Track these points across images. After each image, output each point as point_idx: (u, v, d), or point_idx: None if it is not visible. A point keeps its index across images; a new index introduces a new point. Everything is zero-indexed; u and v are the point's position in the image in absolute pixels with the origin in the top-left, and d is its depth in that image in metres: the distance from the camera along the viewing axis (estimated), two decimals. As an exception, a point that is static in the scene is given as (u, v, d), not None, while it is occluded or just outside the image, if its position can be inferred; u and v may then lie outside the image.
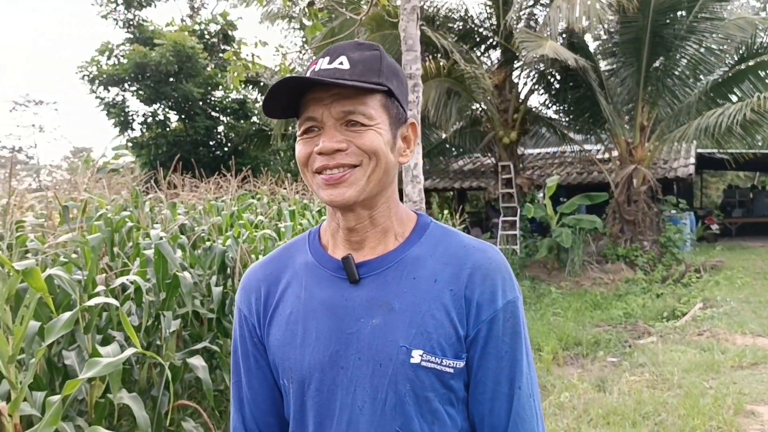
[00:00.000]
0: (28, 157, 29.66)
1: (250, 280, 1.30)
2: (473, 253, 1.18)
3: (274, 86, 1.12)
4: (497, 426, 1.16)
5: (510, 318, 1.16)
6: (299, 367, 1.18)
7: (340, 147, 1.11)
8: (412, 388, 1.12)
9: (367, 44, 1.19)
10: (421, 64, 4.09)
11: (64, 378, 3.39)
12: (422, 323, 1.13)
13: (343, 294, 1.17)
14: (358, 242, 1.19)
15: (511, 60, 14.79)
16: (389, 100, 1.17)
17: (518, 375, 1.16)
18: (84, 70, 17.54)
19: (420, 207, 4.02)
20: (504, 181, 15.07)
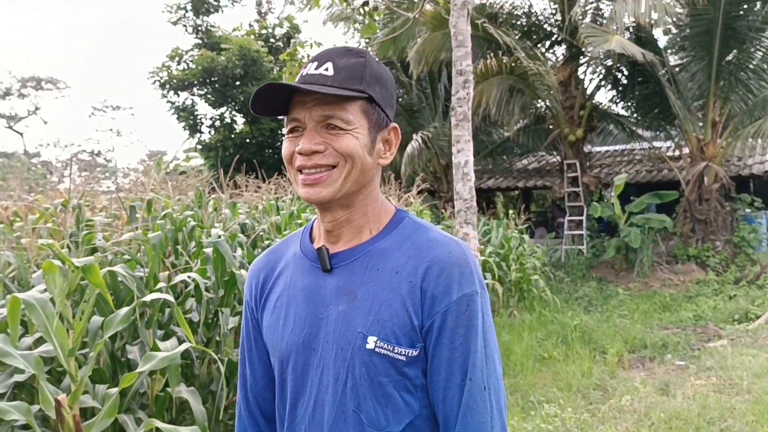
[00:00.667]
0: (106, 161, 30.90)
1: (254, 269, 1.43)
2: (435, 247, 1.23)
3: (259, 90, 1.21)
4: (449, 415, 1.20)
5: (465, 311, 1.19)
6: (280, 347, 1.30)
7: (317, 149, 1.20)
8: (367, 372, 1.20)
9: (355, 51, 1.26)
10: (477, 57, 4.04)
11: (127, 371, 3.51)
12: (379, 312, 1.20)
13: (318, 282, 1.27)
14: (336, 236, 1.29)
15: (576, 56, 14.49)
16: (370, 106, 1.24)
17: (471, 367, 1.19)
18: (155, 75, 18.17)
19: (470, 205, 3.98)
20: (570, 179, 14.77)
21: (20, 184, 6.61)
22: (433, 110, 15.45)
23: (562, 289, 11.45)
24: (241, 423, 1.43)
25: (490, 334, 1.23)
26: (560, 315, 9.05)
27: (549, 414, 4.93)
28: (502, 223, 10.58)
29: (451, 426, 1.19)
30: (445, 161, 14.70)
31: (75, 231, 4.27)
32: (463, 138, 3.87)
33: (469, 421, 1.18)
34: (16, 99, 33.30)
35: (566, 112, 14.55)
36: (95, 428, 2.59)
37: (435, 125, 14.04)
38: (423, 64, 12.52)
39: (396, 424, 1.20)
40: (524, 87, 13.15)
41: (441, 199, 14.94)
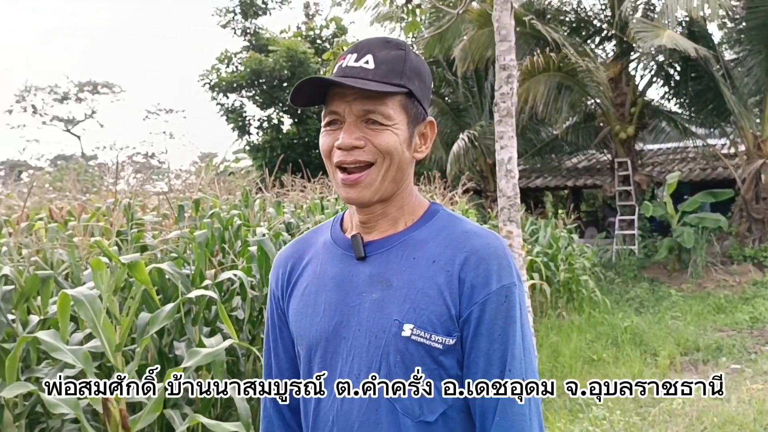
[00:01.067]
0: (160, 162, 31.68)
1: (280, 258, 1.42)
2: (473, 239, 1.23)
3: (301, 83, 1.19)
4: (487, 406, 1.19)
5: (504, 302, 1.19)
6: (308, 336, 1.29)
7: (357, 144, 1.19)
8: (402, 360, 1.19)
9: (394, 42, 1.25)
10: (522, 54, 3.98)
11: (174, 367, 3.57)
12: (415, 300, 1.20)
13: (350, 270, 1.27)
14: (370, 227, 1.28)
15: (627, 52, 14.17)
16: (409, 101, 1.23)
17: (510, 358, 1.19)
18: (205, 78, 18.51)
19: (514, 202, 3.92)
20: (621, 178, 14.47)
21: (74, 185, 6.82)
22: (480, 109, 15.31)
23: (612, 290, 11.22)
24: (267, 414, 1.42)
25: (526, 327, 1.23)
26: (610, 316, 8.86)
27: (597, 417, 4.83)
28: (551, 222, 10.42)
29: (489, 417, 1.18)
30: (491, 160, 14.54)
31: (126, 229, 4.38)
32: (506, 134, 3.82)
33: (508, 413, 1.18)
34: (74, 103, 34.30)
35: (617, 110, 14.25)
36: (141, 422, 2.64)
37: (481, 123, 13.92)
38: (468, 61, 12.43)
39: (430, 414, 1.19)
40: (573, 84, 12.93)
41: (487, 198, 14.80)
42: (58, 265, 3.96)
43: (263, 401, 1.43)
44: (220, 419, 3.70)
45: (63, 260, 3.98)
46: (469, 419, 1.22)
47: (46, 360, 3.27)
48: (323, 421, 1.26)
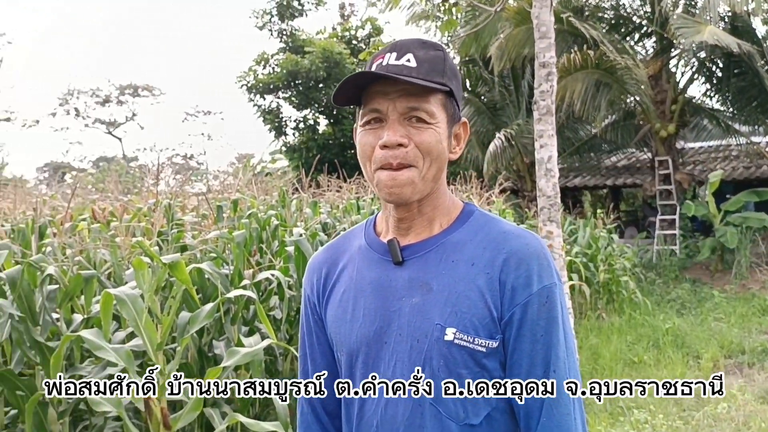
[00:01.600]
0: (198, 164, 32.14)
1: (314, 263, 1.42)
2: (511, 239, 1.22)
3: (351, 78, 1.18)
4: (532, 407, 1.18)
5: (546, 303, 1.18)
6: (348, 341, 1.28)
7: (402, 142, 1.18)
8: (446, 364, 1.18)
9: (431, 43, 1.25)
10: (561, 51, 3.92)
11: (214, 366, 3.61)
12: (457, 303, 1.19)
13: (389, 274, 1.26)
14: (405, 229, 1.27)
15: (667, 48, 13.91)
16: (449, 100, 1.24)
17: (554, 359, 1.18)
18: (243, 79, 18.72)
19: (554, 202, 3.86)
20: (661, 177, 14.21)
21: (116, 186, 6.95)
22: (517, 107, 15.18)
23: (653, 291, 11.01)
24: (304, 419, 1.42)
25: (568, 327, 1.23)
26: (651, 318, 8.70)
27: (639, 420, 4.73)
28: (590, 222, 10.27)
29: (534, 418, 1.18)
30: (528, 159, 14.42)
31: (166, 230, 4.44)
32: (546, 133, 3.76)
33: (554, 413, 1.17)
34: (115, 106, 35.03)
35: (657, 107, 13.99)
36: (182, 421, 2.67)
37: (518, 122, 13.79)
38: (505, 60, 12.33)
39: (474, 417, 1.19)
40: (611, 81, 12.72)
41: (524, 198, 14.67)
42: (100, 264, 4.03)
43: (300, 405, 1.42)
44: (258, 418, 3.73)
45: (105, 260, 4.06)
46: (513, 421, 1.22)
47: (89, 358, 3.34)
48: (367, 425, 1.25)
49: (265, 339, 3.16)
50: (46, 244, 3.98)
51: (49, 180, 27.43)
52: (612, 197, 18.73)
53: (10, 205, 5.31)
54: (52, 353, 2.88)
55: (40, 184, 24.42)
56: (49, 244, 3.97)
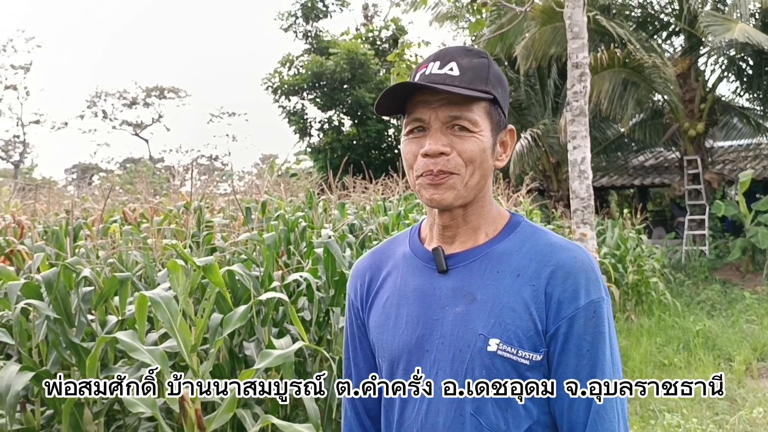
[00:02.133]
0: (223, 165, 32.40)
1: (358, 269, 1.43)
2: (558, 252, 1.21)
3: (391, 89, 1.19)
4: (576, 423, 1.17)
5: (593, 317, 1.17)
6: (390, 348, 1.28)
7: (444, 150, 1.18)
8: (488, 375, 1.17)
9: (475, 51, 1.25)
10: (588, 52, 3.88)
11: (245, 368, 3.63)
12: (501, 314, 1.18)
13: (432, 283, 1.26)
14: (450, 237, 1.27)
15: (696, 46, 13.71)
16: (493, 108, 1.23)
17: (599, 374, 1.17)
18: (268, 81, 18.84)
19: (588, 204, 3.82)
20: (690, 176, 14.02)
21: (146, 187, 7.02)
22: (542, 107, 15.07)
23: (682, 293, 10.86)
24: (347, 423, 1.43)
25: (614, 341, 1.21)
26: (681, 319, 8.58)
27: (671, 424, 4.67)
28: (618, 223, 10.15)
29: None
30: (555, 159, 14.31)
31: (196, 232, 4.48)
32: (579, 134, 3.72)
33: (599, 429, 1.16)
34: (142, 108, 35.45)
35: (686, 106, 13.80)
36: (216, 422, 2.68)
37: (544, 122, 13.70)
38: (531, 59, 12.25)
39: (515, 429, 1.18)
40: (639, 80, 12.58)
41: (551, 198, 14.56)
42: (132, 266, 4.08)
43: (343, 409, 1.43)
44: (288, 420, 3.74)
45: (137, 261, 4.10)
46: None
47: (122, 359, 3.38)
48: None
49: (295, 341, 3.17)
50: (80, 246, 4.03)
51: (78, 181, 27.86)
52: (639, 197, 18.52)
53: (43, 207, 5.39)
54: (87, 354, 2.91)
55: (69, 185, 24.82)
56: (83, 246, 4.02)
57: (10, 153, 33.58)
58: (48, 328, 3.04)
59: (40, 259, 3.35)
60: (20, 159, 33.45)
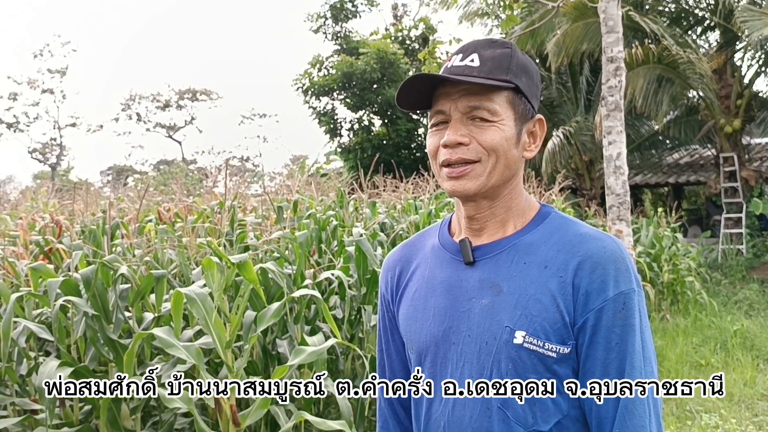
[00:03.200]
0: (254, 166, 32.66)
1: (388, 262, 1.43)
2: (587, 242, 1.18)
3: (406, 83, 1.20)
4: (604, 417, 1.15)
5: (622, 309, 1.14)
6: (418, 340, 1.28)
7: (462, 141, 1.18)
8: (514, 368, 1.16)
9: (500, 42, 1.24)
10: (623, 47, 3.82)
11: (277, 365, 3.66)
12: (527, 306, 1.16)
13: (459, 275, 1.25)
14: (478, 229, 1.26)
15: (732, 41, 13.45)
16: (516, 97, 1.21)
17: (628, 368, 1.14)
18: (298, 82, 18.95)
19: (624, 200, 3.77)
20: (726, 174, 13.75)
21: (180, 188, 7.12)
22: (575, 104, 14.91)
23: (719, 292, 10.65)
24: (382, 414, 1.43)
25: (647, 335, 1.17)
26: (718, 319, 8.42)
27: (709, 424, 4.59)
28: (652, 221, 10.00)
29: (606, 428, 1.14)
30: (587, 157, 14.15)
31: (229, 230, 4.52)
32: (615, 129, 3.68)
33: (627, 425, 1.13)
34: (175, 110, 35.92)
35: (722, 102, 13.54)
36: (250, 418, 2.71)
37: (577, 119, 13.55)
38: (563, 56, 12.13)
39: (544, 423, 1.16)
40: (674, 76, 12.38)
41: (584, 196, 14.40)
42: (167, 264, 4.13)
43: (378, 401, 1.44)
44: (321, 416, 3.76)
45: (172, 260, 4.16)
46: (584, 429, 1.19)
47: (159, 355, 3.42)
48: (435, 425, 1.25)
49: (328, 338, 3.19)
50: (117, 245, 4.10)
51: (113, 183, 28.34)
52: (674, 195, 18.22)
53: (80, 207, 5.49)
54: (124, 350, 2.96)
55: (104, 187, 25.26)
56: (119, 244, 4.09)
57: (47, 155, 34.31)
58: (86, 324, 3.10)
59: (78, 257, 3.42)
60: (57, 161, 34.16)
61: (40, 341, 3.62)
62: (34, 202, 7.60)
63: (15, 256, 4.03)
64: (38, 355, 3.44)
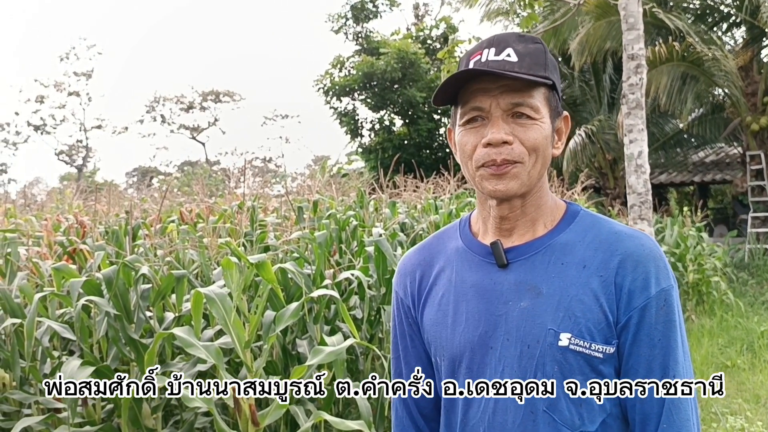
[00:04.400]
0: (276, 166, 32.82)
1: (406, 265, 1.38)
2: (625, 240, 1.17)
3: (454, 76, 1.15)
4: (649, 413, 1.15)
5: (664, 306, 1.14)
6: (450, 346, 1.24)
7: (507, 139, 1.14)
8: (560, 370, 1.14)
9: (529, 37, 1.22)
10: (644, 44, 3.77)
11: (297, 364, 3.66)
12: (570, 307, 1.15)
13: (492, 278, 1.22)
14: (508, 230, 1.23)
15: (758, 38, 13.24)
16: (552, 94, 1.20)
17: (672, 363, 1.14)
18: (319, 83, 19.02)
19: (645, 199, 3.72)
20: (753, 172, 13.54)
21: (202, 189, 7.18)
22: (598, 103, 14.78)
23: (746, 292, 10.48)
24: (399, 422, 1.40)
25: (684, 330, 1.19)
26: (744, 320, 8.28)
27: (734, 427, 4.51)
28: (677, 220, 9.87)
29: (651, 424, 1.15)
30: (611, 156, 14.01)
31: (250, 231, 4.54)
32: (636, 127, 3.63)
33: (674, 419, 1.14)
34: (198, 112, 36.21)
35: (748, 99, 13.33)
36: (269, 418, 2.72)
37: (600, 118, 13.43)
38: (586, 54, 12.04)
39: (590, 424, 1.16)
40: (698, 74, 12.21)
41: (607, 196, 14.27)
42: (189, 264, 4.17)
43: (394, 408, 1.41)
44: (340, 416, 3.76)
45: (193, 260, 4.19)
46: (625, 426, 1.19)
47: (179, 355, 3.45)
48: (472, 431, 1.22)
49: (347, 338, 3.19)
50: (139, 245, 4.14)
51: (138, 184, 28.68)
52: (699, 194, 17.97)
53: (104, 208, 5.56)
54: (146, 350, 2.99)
55: (129, 188, 25.57)
56: (141, 245, 4.13)
57: (73, 157, 34.80)
58: (108, 324, 3.13)
59: (100, 257, 3.45)
60: (83, 163, 34.63)
61: (64, 341, 3.67)
62: (60, 203, 7.71)
63: (39, 257, 4.09)
64: (62, 355, 3.49)
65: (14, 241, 3.95)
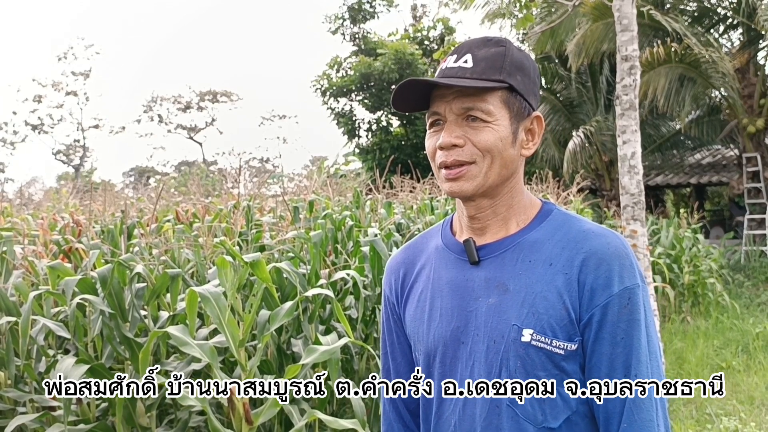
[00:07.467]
0: (274, 167, 32.80)
1: (392, 264, 1.43)
2: (591, 238, 1.19)
3: (399, 87, 1.20)
4: (612, 412, 1.16)
5: (627, 304, 1.15)
6: (425, 341, 1.28)
7: (457, 142, 1.19)
8: (523, 366, 1.17)
9: (494, 40, 1.24)
10: (638, 45, 3.79)
11: (292, 363, 3.67)
12: (534, 304, 1.17)
13: (465, 274, 1.26)
14: (480, 228, 1.27)
15: (755, 40, 13.27)
16: (511, 96, 1.21)
17: (635, 362, 1.15)
18: (317, 83, 19.02)
19: (638, 200, 3.73)
20: (750, 174, 13.58)
21: (198, 189, 7.18)
22: (595, 104, 14.80)
23: (741, 294, 10.51)
24: (387, 418, 1.43)
25: (652, 329, 1.19)
26: (740, 321, 8.31)
27: (728, 428, 4.53)
28: (673, 222, 9.89)
29: (614, 423, 1.16)
30: (607, 157, 14.04)
31: (245, 230, 4.55)
32: (629, 128, 3.64)
33: (635, 419, 1.14)
34: (196, 112, 36.20)
35: (744, 101, 13.36)
36: (263, 416, 2.72)
37: (597, 119, 13.45)
38: (583, 56, 12.06)
39: (553, 420, 1.17)
40: (695, 76, 12.23)
41: (603, 197, 14.29)
42: (184, 264, 4.17)
43: (382, 404, 1.44)
44: (335, 415, 3.76)
45: (189, 259, 4.19)
46: (593, 425, 1.19)
47: (174, 354, 3.46)
48: (445, 424, 1.26)
49: (342, 338, 3.19)
50: (134, 244, 4.14)
51: (135, 183, 28.65)
52: (696, 196, 18.01)
53: (100, 207, 5.56)
54: (140, 349, 2.99)
55: (127, 188, 25.55)
56: (137, 244, 4.13)
57: (71, 157, 34.75)
58: (103, 322, 3.14)
59: (95, 256, 3.46)
60: (80, 162, 34.58)
61: (59, 339, 3.67)
62: (56, 202, 7.71)
63: (35, 255, 4.09)
64: (57, 353, 3.49)
65: (10, 239, 3.95)
